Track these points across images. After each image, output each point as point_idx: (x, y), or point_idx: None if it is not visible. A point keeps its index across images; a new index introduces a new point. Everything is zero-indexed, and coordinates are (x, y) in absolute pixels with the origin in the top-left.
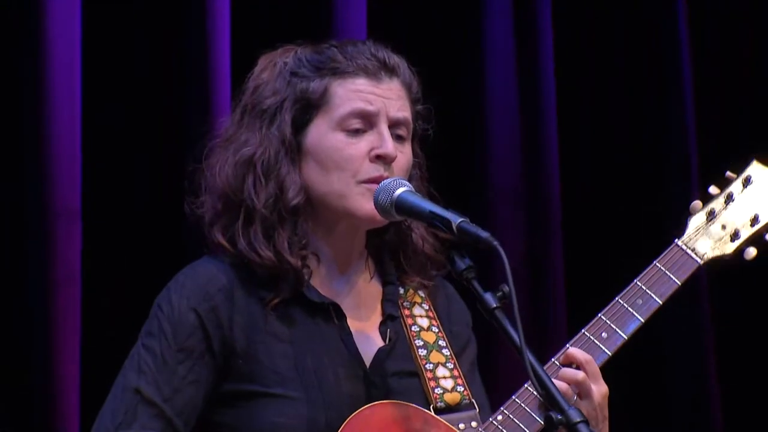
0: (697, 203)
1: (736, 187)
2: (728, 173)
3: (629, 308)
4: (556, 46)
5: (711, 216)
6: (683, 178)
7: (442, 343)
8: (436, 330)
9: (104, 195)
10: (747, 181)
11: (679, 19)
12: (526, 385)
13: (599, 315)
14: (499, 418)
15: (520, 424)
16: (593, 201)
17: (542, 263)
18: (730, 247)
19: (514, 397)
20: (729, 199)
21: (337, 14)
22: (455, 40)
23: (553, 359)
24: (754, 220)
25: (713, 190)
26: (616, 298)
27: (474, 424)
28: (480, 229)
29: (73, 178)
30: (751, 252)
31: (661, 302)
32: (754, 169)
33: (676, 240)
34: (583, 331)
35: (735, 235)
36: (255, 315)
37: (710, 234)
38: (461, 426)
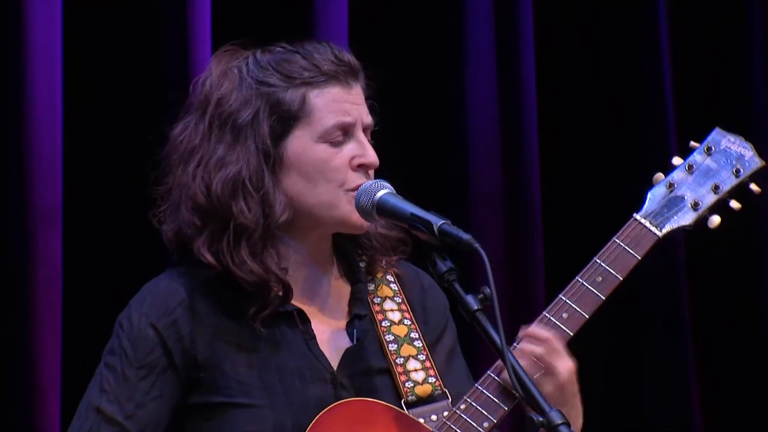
0: (659, 175)
1: (698, 155)
2: (692, 143)
3: (589, 287)
4: (538, 49)
5: (671, 187)
6: None
7: (414, 335)
8: (408, 323)
9: (85, 195)
10: (709, 150)
11: (660, 23)
12: (488, 372)
13: (560, 296)
14: (462, 406)
15: (483, 411)
16: (574, 205)
17: (523, 266)
18: (690, 217)
19: (476, 384)
20: (691, 168)
21: (317, 15)
22: (436, 45)
23: (515, 342)
24: (716, 188)
25: (676, 160)
26: (576, 278)
27: (447, 414)
28: (461, 231)
29: (54, 178)
30: (715, 220)
31: (621, 278)
32: (717, 135)
33: (635, 214)
34: (544, 313)
35: (696, 205)
36: (218, 326)
37: (670, 205)
38: (434, 417)
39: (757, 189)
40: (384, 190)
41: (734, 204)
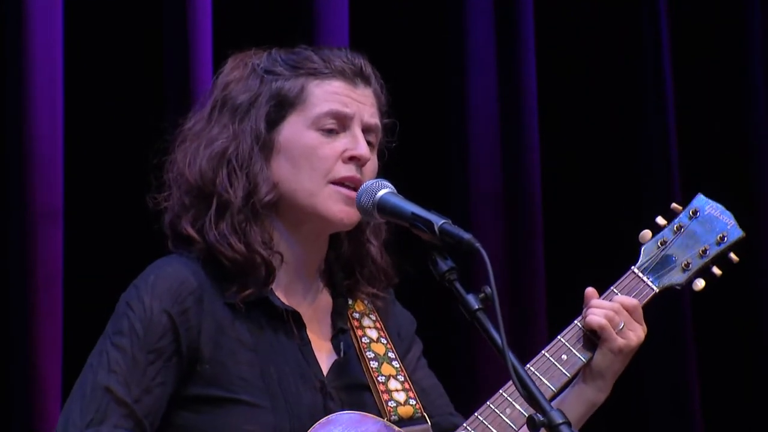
0: (647, 232)
1: (684, 219)
2: (674, 205)
3: (588, 332)
4: (538, 49)
5: (663, 246)
6: (664, 183)
7: (391, 355)
8: (385, 342)
9: (86, 196)
10: (695, 214)
11: (660, 23)
12: (488, 403)
13: (558, 337)
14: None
15: None
16: (574, 205)
17: (523, 266)
18: (682, 277)
19: (476, 414)
20: (679, 230)
21: (319, 16)
22: (436, 45)
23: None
24: (704, 253)
25: (660, 220)
26: (574, 321)
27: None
28: (462, 231)
29: (55, 178)
30: (699, 284)
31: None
32: (700, 202)
33: (632, 267)
34: (543, 352)
35: (687, 266)
36: (221, 320)
37: (663, 263)
38: None
39: (735, 258)
40: (385, 189)
41: (716, 270)
